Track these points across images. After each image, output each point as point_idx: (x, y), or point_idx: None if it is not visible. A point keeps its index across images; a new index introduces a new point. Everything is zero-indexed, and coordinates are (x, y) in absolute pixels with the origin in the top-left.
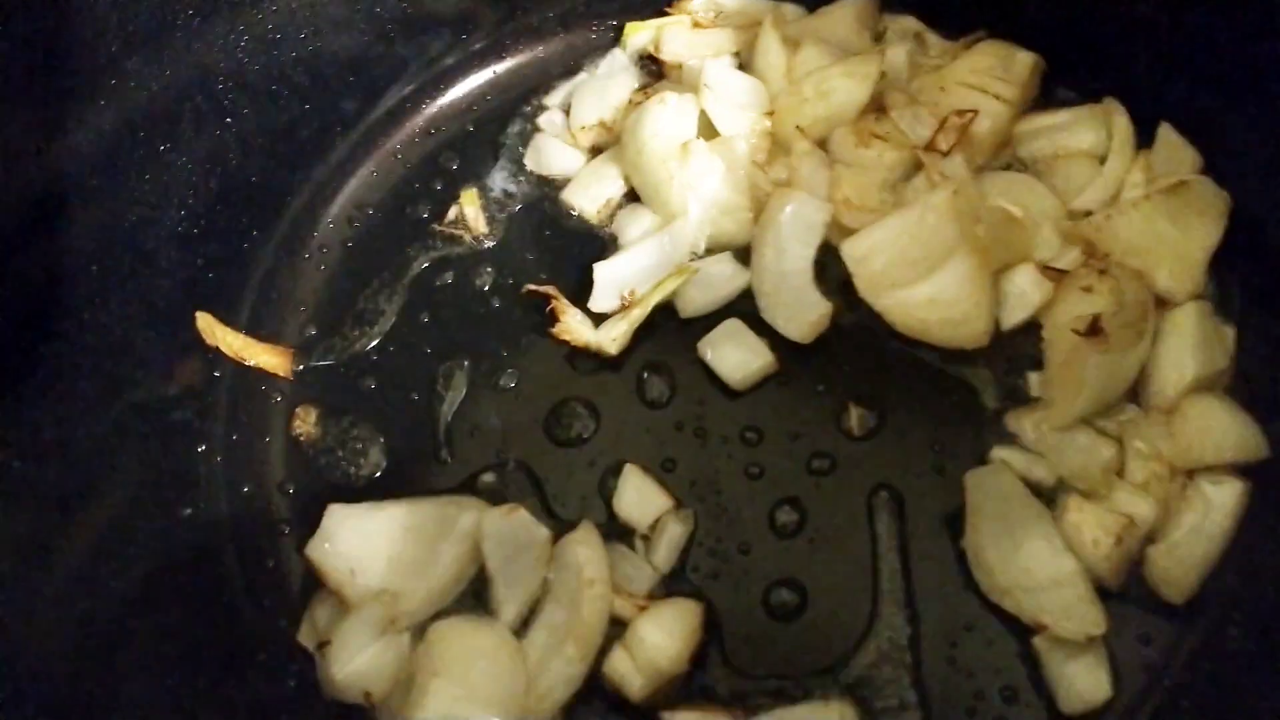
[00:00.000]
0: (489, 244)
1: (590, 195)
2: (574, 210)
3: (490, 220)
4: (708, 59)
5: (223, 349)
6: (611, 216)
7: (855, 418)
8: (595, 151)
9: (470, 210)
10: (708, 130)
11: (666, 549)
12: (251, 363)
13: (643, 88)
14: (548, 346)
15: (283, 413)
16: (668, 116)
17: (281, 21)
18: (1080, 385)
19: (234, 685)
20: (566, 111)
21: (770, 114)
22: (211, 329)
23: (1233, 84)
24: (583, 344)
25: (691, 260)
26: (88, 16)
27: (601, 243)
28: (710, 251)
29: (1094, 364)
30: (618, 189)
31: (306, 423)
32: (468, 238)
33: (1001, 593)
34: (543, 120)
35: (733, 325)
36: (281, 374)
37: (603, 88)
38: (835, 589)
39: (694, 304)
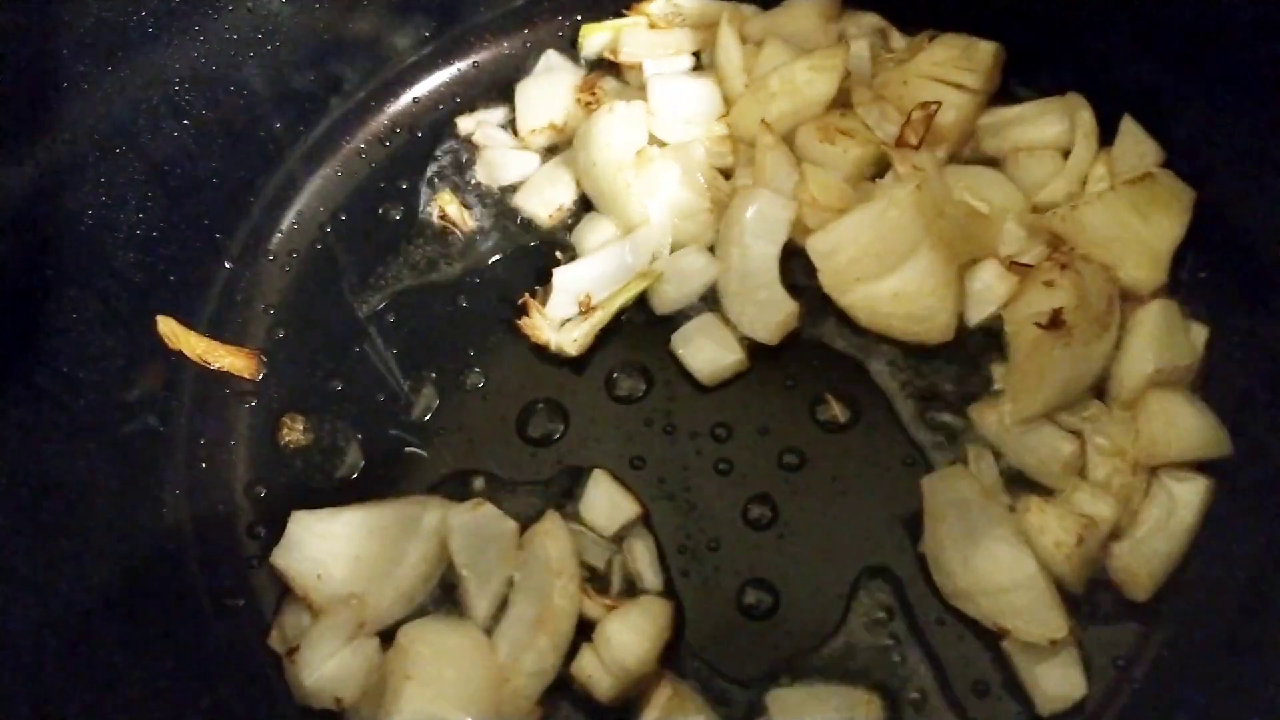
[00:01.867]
0: (460, 243)
1: (542, 200)
2: (526, 216)
3: (473, 216)
4: (652, 76)
5: (186, 352)
6: (565, 221)
7: (836, 408)
8: (549, 152)
9: (452, 209)
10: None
11: (648, 568)
12: (216, 366)
13: (587, 87)
14: (517, 346)
15: (248, 416)
16: (617, 126)
17: (238, 22)
18: (1042, 379)
19: (202, 693)
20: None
21: (724, 117)
22: (173, 332)
23: (1195, 78)
24: (544, 343)
25: (654, 263)
26: (41, 22)
27: (564, 246)
28: (676, 248)
29: (1056, 358)
30: (569, 194)
31: (294, 430)
32: (459, 234)
33: (962, 597)
34: (482, 135)
35: (707, 320)
36: (247, 376)
37: (545, 88)
38: (806, 586)
39: (667, 299)
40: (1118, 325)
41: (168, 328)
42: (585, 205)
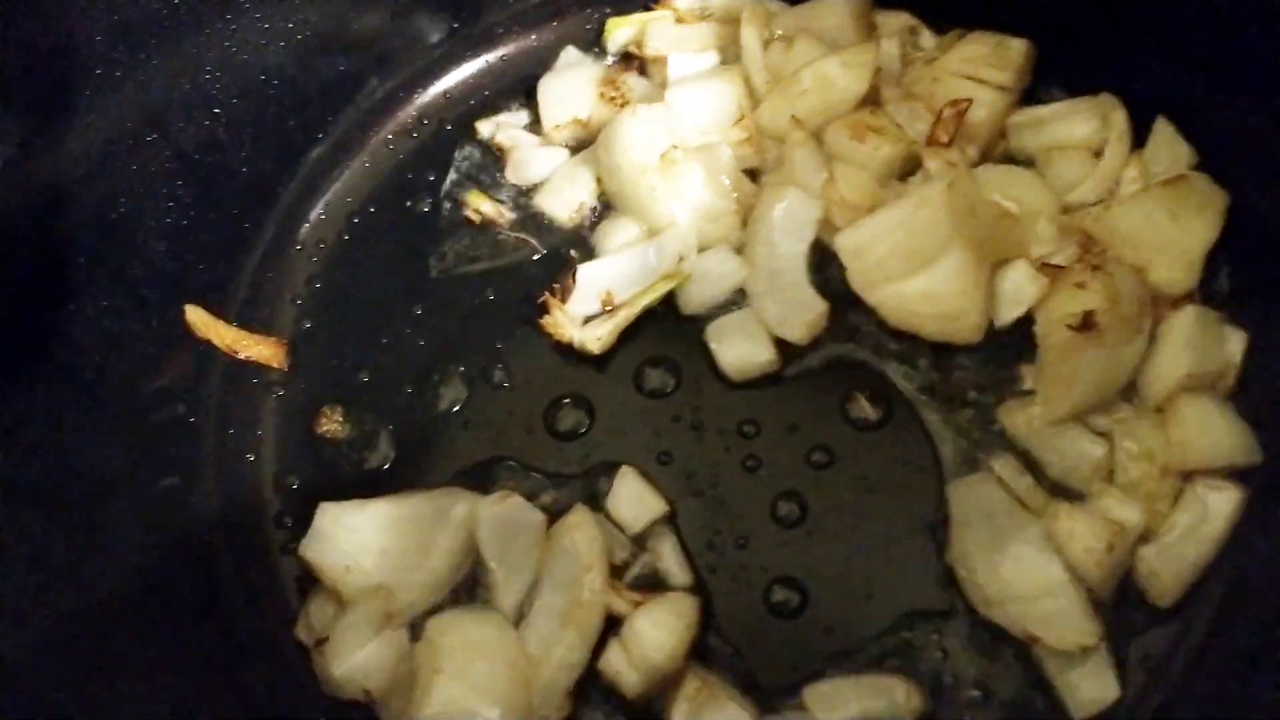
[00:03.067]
0: (487, 237)
1: (563, 200)
2: (547, 216)
3: (505, 209)
4: (672, 82)
5: (214, 341)
6: (586, 219)
7: (865, 407)
8: (574, 148)
9: (486, 206)
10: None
11: (675, 564)
12: (244, 355)
13: (609, 81)
14: (543, 340)
15: (276, 406)
16: (640, 129)
17: (270, 12)
18: (1073, 381)
19: (231, 684)
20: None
21: (743, 120)
22: (202, 322)
23: (1228, 79)
24: (567, 340)
25: (681, 264)
26: (76, 12)
27: (587, 244)
28: (702, 250)
29: (1088, 360)
30: (589, 192)
31: (333, 421)
32: (494, 228)
33: (991, 604)
34: (505, 136)
35: (744, 316)
36: (275, 366)
37: (567, 83)
38: (835, 585)
39: (694, 300)
40: (1149, 328)
41: (197, 317)
42: (606, 203)
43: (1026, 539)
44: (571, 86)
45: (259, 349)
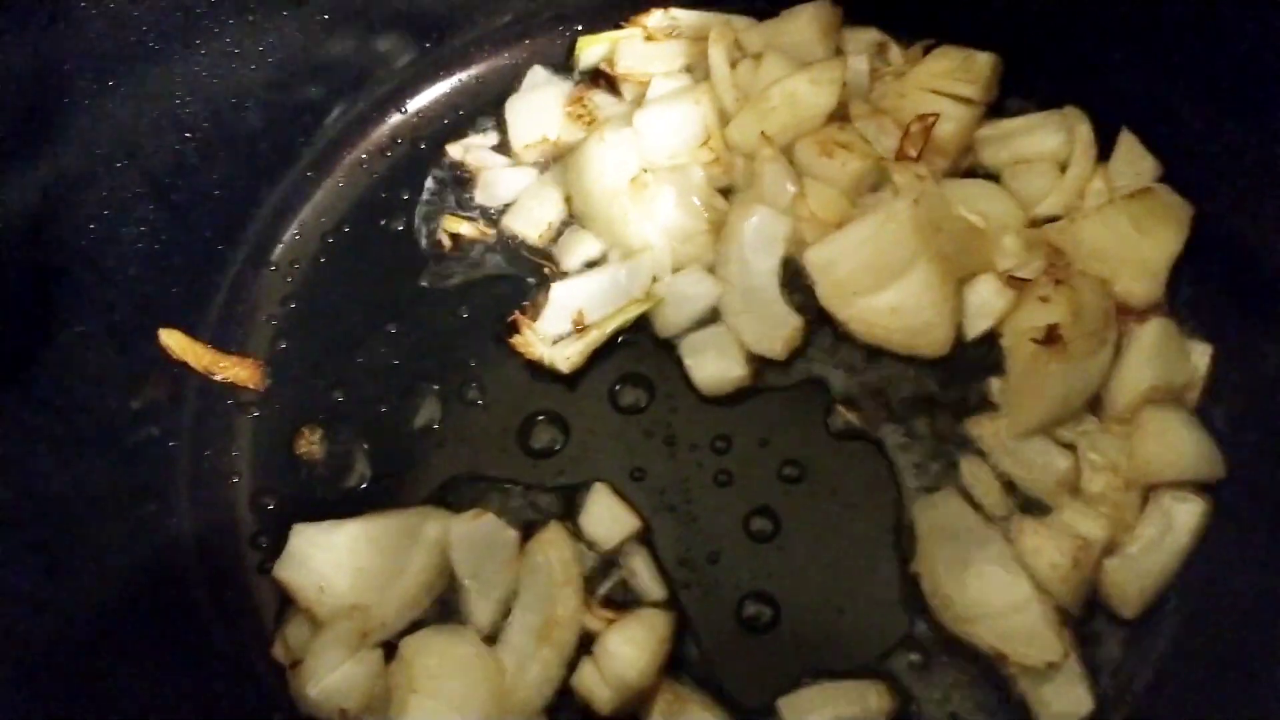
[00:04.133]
0: (460, 256)
1: (531, 220)
2: (516, 236)
3: (484, 226)
4: (638, 110)
5: (191, 363)
6: (554, 238)
7: (845, 416)
8: (545, 168)
9: (464, 228)
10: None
11: (649, 580)
12: (220, 377)
13: (576, 100)
14: (516, 358)
15: (251, 427)
16: (609, 154)
17: (239, 35)
18: (1039, 393)
19: (208, 705)
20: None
21: (709, 141)
22: (178, 345)
23: (1193, 91)
24: (536, 358)
25: (655, 285)
26: (44, 40)
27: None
28: (676, 270)
29: (1052, 372)
30: (558, 212)
31: (311, 442)
32: (466, 247)
33: (958, 622)
34: (475, 158)
35: (718, 332)
36: (252, 386)
37: (535, 103)
38: (807, 599)
39: (669, 323)
40: (1115, 340)
41: (173, 340)
42: (572, 221)
43: (992, 556)
44: (539, 106)
45: (235, 370)
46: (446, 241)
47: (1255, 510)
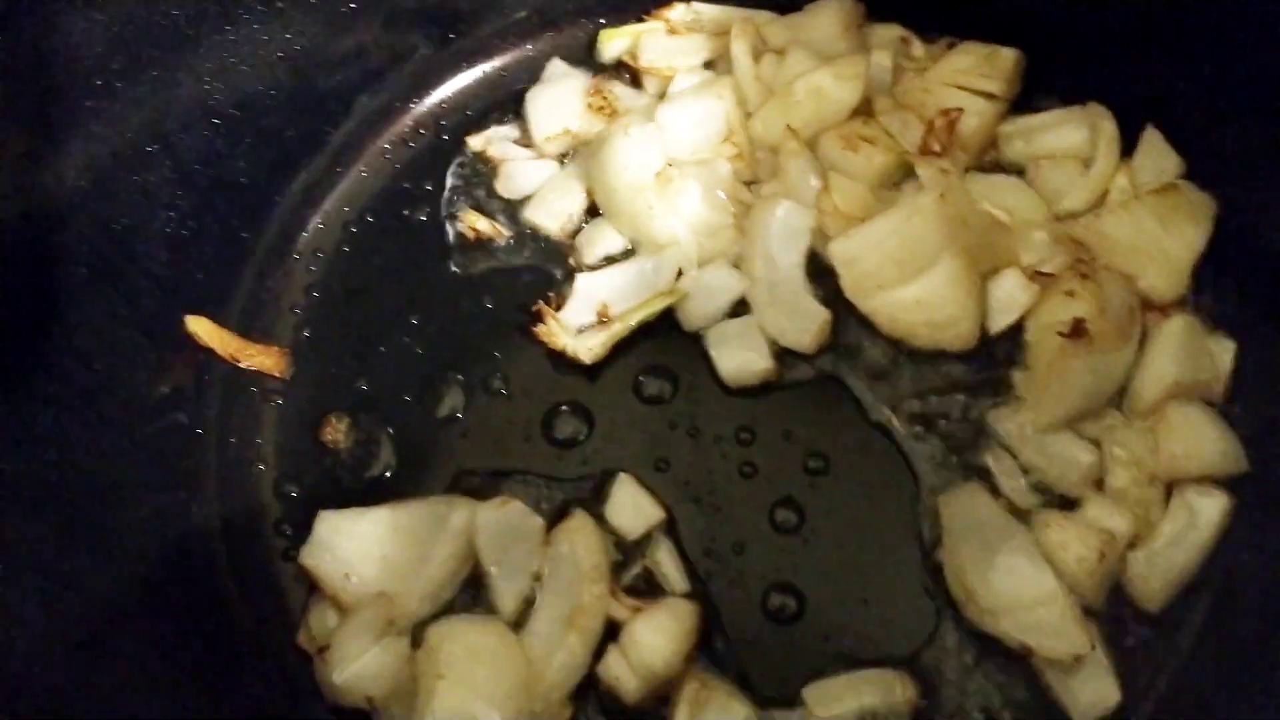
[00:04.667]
0: (484, 246)
1: (552, 212)
2: (537, 228)
3: (500, 224)
4: (661, 104)
5: (217, 350)
6: (575, 229)
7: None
8: (565, 159)
9: (482, 224)
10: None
11: (673, 570)
12: (246, 364)
13: (596, 91)
14: (540, 348)
15: (276, 415)
16: (633, 148)
17: (267, 22)
18: (1063, 387)
19: (233, 691)
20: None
21: (732, 136)
22: (205, 331)
23: (1216, 89)
24: (559, 348)
25: (680, 279)
26: (74, 28)
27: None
28: (701, 265)
29: (1078, 366)
30: (578, 204)
31: (337, 430)
32: (500, 240)
33: (984, 615)
34: (496, 149)
35: (745, 324)
36: (277, 374)
37: (555, 95)
38: (832, 590)
39: (694, 316)
40: (1139, 335)
41: (199, 326)
42: (593, 212)
43: (1018, 550)
44: (560, 98)
45: (261, 358)
46: (469, 234)
47: (1276, 506)
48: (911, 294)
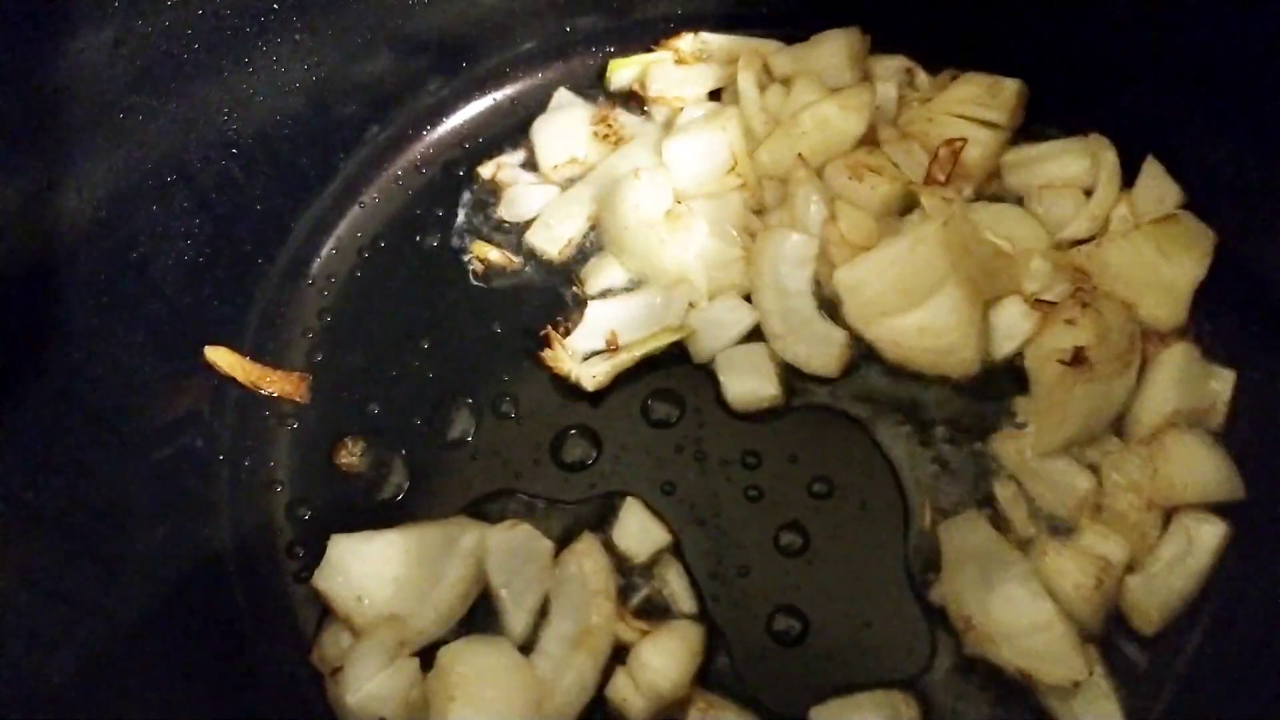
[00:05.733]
0: (493, 273)
1: (551, 237)
2: (538, 253)
3: (508, 252)
4: (667, 142)
5: (238, 378)
6: (574, 255)
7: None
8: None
9: (493, 254)
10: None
11: (682, 592)
12: (266, 391)
13: (601, 119)
14: (548, 372)
15: (289, 438)
16: (643, 189)
17: (284, 54)
18: (1064, 414)
19: (244, 714)
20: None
21: (735, 167)
22: (224, 361)
23: (1217, 121)
24: (564, 373)
25: (690, 312)
26: (92, 59)
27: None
28: (711, 297)
29: (1078, 393)
30: (578, 228)
31: (352, 454)
32: (510, 269)
33: (983, 641)
34: (504, 175)
35: (755, 350)
36: (298, 399)
37: (561, 124)
38: (836, 613)
39: (705, 349)
40: (1139, 363)
41: (219, 356)
42: (592, 238)
43: (1016, 577)
44: (566, 127)
45: (281, 384)
46: (479, 266)
47: (1273, 533)
48: (914, 321)
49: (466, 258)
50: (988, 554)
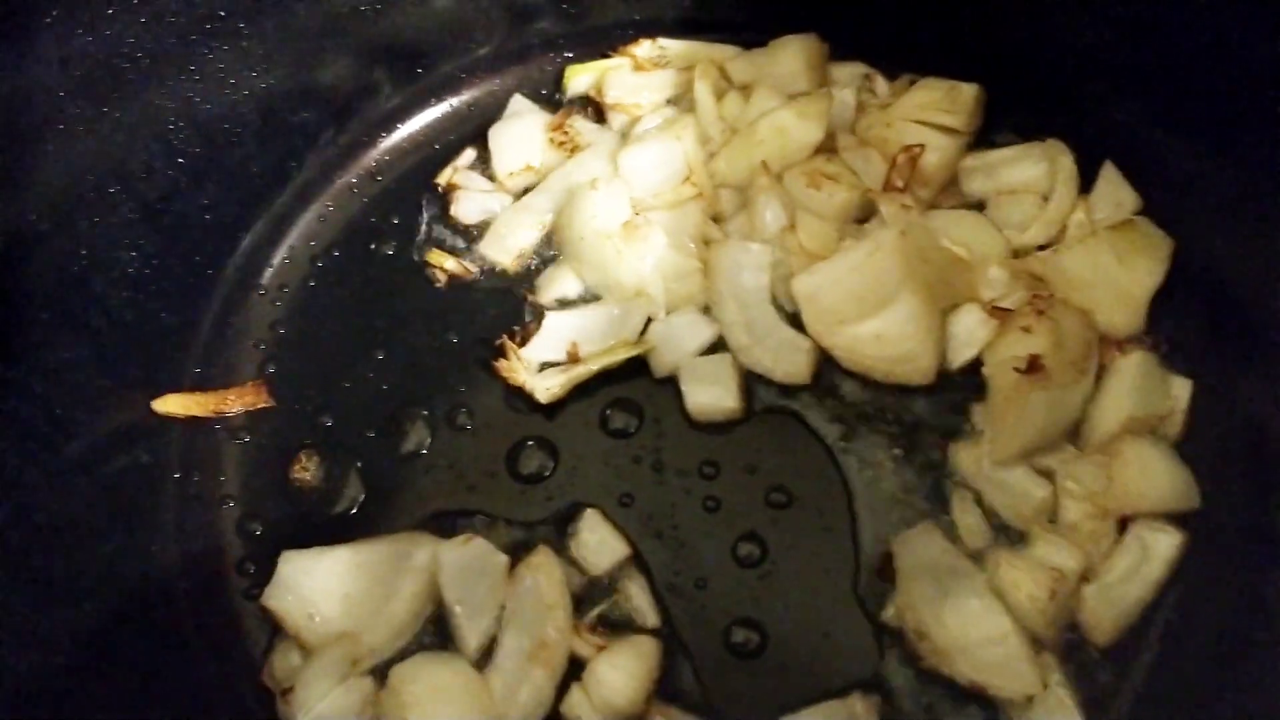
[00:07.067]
0: (449, 283)
1: (504, 247)
2: (492, 263)
3: (466, 261)
4: (622, 154)
5: (199, 415)
6: (528, 264)
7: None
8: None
9: (450, 264)
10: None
11: (644, 605)
12: (232, 412)
13: (557, 125)
14: (504, 383)
15: (239, 452)
16: (600, 200)
17: (231, 60)
18: (1020, 422)
19: None
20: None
21: (689, 177)
22: (179, 406)
23: (1174, 126)
24: (518, 384)
25: (649, 327)
26: (34, 64)
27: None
28: (670, 310)
29: (1034, 401)
30: (532, 238)
31: (306, 468)
32: (468, 278)
33: (936, 655)
34: (460, 179)
35: (720, 361)
36: (263, 405)
37: (517, 130)
38: (794, 625)
39: (665, 364)
40: (1095, 371)
41: (169, 405)
42: (547, 248)
43: (970, 589)
44: (521, 134)
45: (240, 399)
46: (439, 276)
47: (1229, 543)
48: (871, 329)
49: (423, 267)
50: (942, 566)
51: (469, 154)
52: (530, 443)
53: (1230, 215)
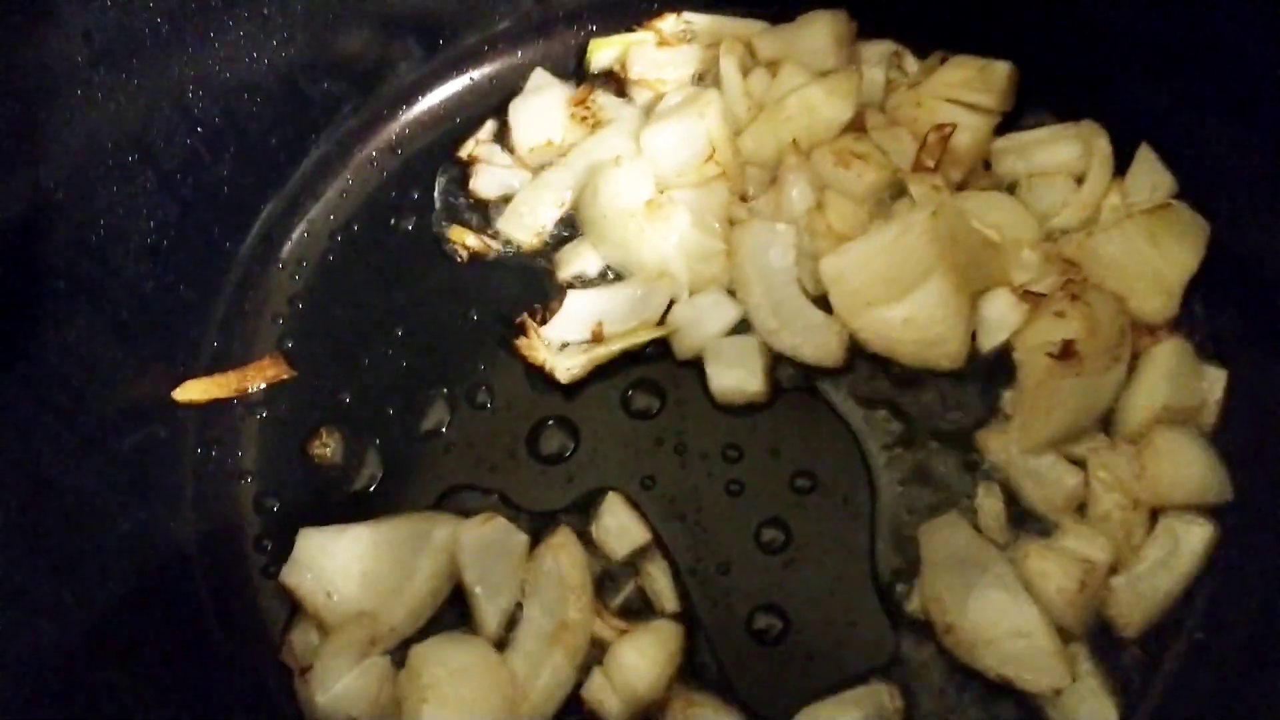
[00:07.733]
0: (469, 259)
1: (523, 225)
2: (511, 242)
3: (488, 238)
4: (645, 131)
5: (221, 397)
6: (547, 241)
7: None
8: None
9: (471, 240)
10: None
11: (665, 589)
12: (254, 388)
13: (580, 100)
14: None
15: (257, 428)
16: (624, 178)
17: (252, 29)
18: (1051, 408)
19: (211, 712)
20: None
21: (711, 155)
22: (200, 391)
23: (1211, 109)
24: (538, 363)
25: (672, 309)
26: (54, 32)
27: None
28: (693, 291)
29: (1066, 388)
30: (551, 216)
31: (325, 444)
32: (489, 254)
33: (963, 647)
34: (482, 152)
35: (745, 343)
36: (286, 377)
37: (538, 105)
38: (817, 611)
39: (688, 345)
40: (1128, 358)
41: (191, 392)
42: (566, 226)
43: (997, 580)
44: (543, 109)
45: (261, 374)
46: (460, 253)
47: (1262, 536)
48: (900, 312)
49: (443, 242)
50: (968, 556)
51: (489, 126)
52: (551, 422)
53: (1269, 200)
